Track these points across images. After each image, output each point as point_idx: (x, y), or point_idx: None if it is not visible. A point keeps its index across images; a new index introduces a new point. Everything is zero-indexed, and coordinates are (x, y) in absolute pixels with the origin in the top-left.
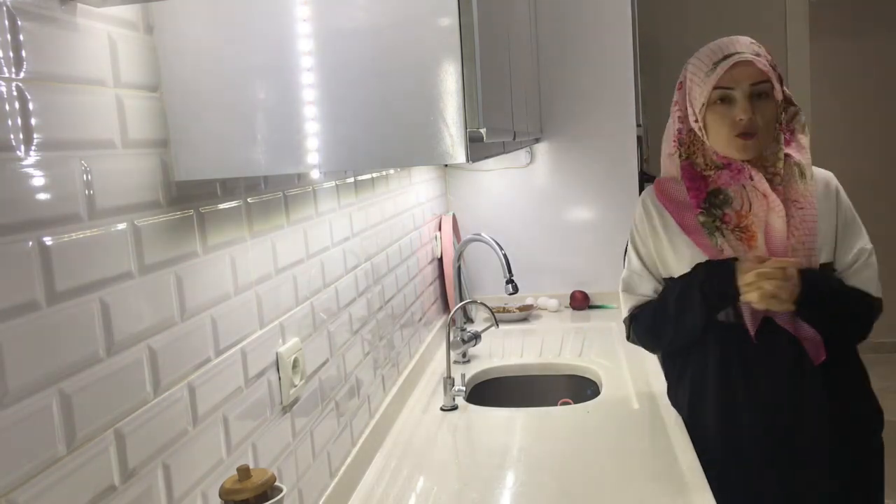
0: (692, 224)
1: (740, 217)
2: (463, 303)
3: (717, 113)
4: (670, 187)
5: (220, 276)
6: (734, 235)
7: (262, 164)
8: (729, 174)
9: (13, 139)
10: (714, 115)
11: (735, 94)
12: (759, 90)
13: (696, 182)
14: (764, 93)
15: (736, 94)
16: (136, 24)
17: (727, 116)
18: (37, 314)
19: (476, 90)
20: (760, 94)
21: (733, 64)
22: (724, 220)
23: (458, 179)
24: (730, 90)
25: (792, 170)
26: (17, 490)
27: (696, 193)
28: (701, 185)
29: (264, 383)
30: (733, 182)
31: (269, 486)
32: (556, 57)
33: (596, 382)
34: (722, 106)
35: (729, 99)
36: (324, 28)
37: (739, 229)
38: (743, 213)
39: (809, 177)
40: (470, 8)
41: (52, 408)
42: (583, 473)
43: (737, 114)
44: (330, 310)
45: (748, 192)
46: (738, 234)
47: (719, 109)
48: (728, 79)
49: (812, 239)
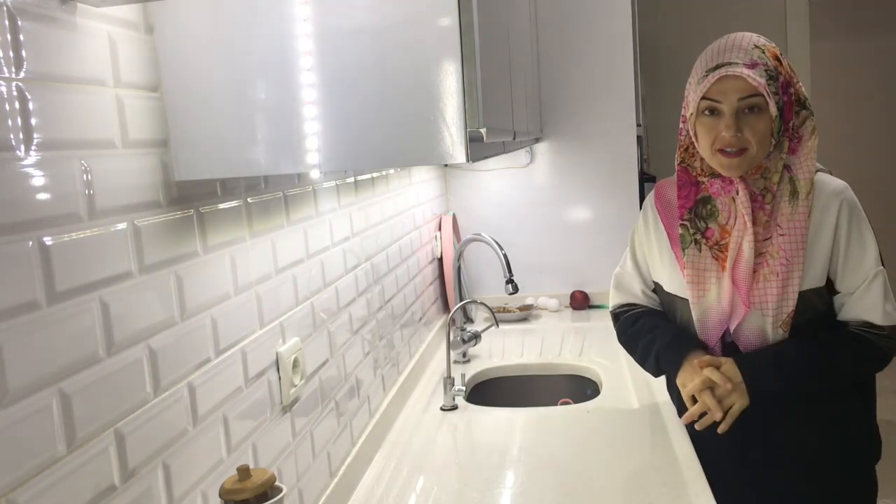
0: (676, 236)
1: (723, 232)
2: (463, 303)
3: (703, 124)
4: (669, 192)
5: (221, 276)
6: (711, 252)
7: (263, 163)
8: (720, 184)
9: (13, 139)
10: (701, 126)
11: (722, 108)
12: (749, 104)
13: (685, 189)
14: (756, 106)
15: (723, 107)
16: (136, 24)
17: (713, 130)
18: (37, 314)
19: (476, 90)
20: (752, 108)
21: (722, 76)
22: (706, 234)
23: (458, 179)
24: (717, 103)
25: (784, 188)
26: (17, 490)
27: (684, 202)
28: (691, 192)
29: (264, 383)
30: (723, 193)
31: (269, 485)
32: (556, 57)
33: (596, 382)
34: (709, 118)
35: (716, 111)
36: (324, 28)
37: (718, 247)
38: (727, 229)
39: (804, 195)
40: (470, 8)
41: (52, 408)
42: (583, 473)
43: (721, 129)
44: (330, 310)
45: (736, 206)
46: (716, 251)
47: (706, 121)
48: (715, 91)
49: (790, 267)
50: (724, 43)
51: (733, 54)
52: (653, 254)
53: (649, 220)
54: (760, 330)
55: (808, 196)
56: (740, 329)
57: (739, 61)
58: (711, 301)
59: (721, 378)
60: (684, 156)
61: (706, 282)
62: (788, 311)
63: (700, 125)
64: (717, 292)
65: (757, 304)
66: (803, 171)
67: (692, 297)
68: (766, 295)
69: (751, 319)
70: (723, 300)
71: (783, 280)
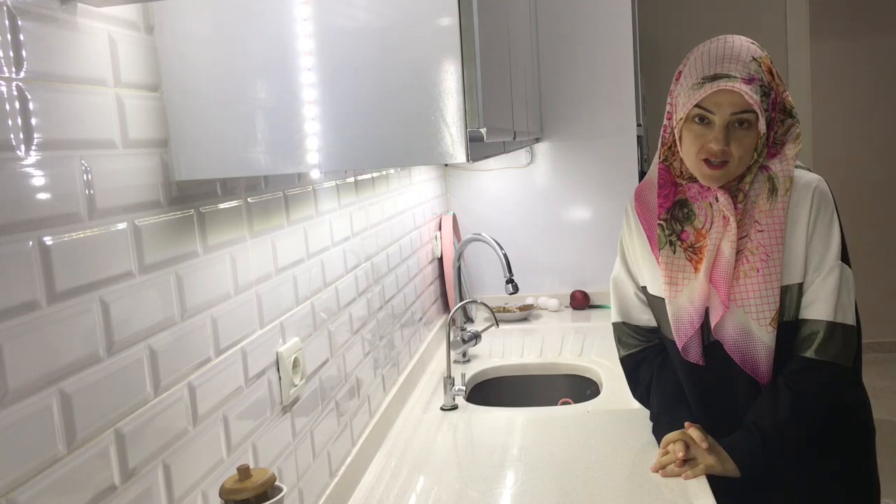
0: (655, 238)
1: (698, 236)
2: (463, 302)
3: (691, 131)
4: (648, 195)
5: (221, 276)
6: (685, 255)
7: (263, 163)
8: (698, 188)
9: (13, 139)
10: (689, 132)
11: (714, 119)
12: (741, 119)
13: (665, 189)
14: (747, 121)
15: (715, 118)
16: (136, 24)
17: (700, 138)
18: (37, 314)
19: (476, 90)
20: (742, 122)
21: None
22: (682, 236)
23: (458, 179)
24: (709, 113)
25: (762, 186)
26: (18, 490)
27: (663, 201)
28: (671, 192)
29: (264, 383)
30: (701, 198)
31: (270, 485)
32: (556, 57)
33: (596, 382)
34: (698, 126)
35: (707, 121)
36: (324, 28)
37: (692, 249)
38: (702, 233)
39: (783, 192)
40: (470, 8)
41: (52, 407)
42: (583, 473)
43: (709, 139)
44: (330, 309)
45: (713, 211)
46: (690, 254)
47: (695, 128)
48: (710, 102)
49: (769, 263)
50: (721, 50)
51: (731, 66)
52: (636, 258)
53: (631, 224)
54: (744, 328)
55: (787, 193)
56: (723, 328)
57: (738, 75)
58: (683, 301)
59: (700, 437)
60: (667, 154)
61: (681, 282)
62: (773, 308)
63: (688, 131)
64: (688, 293)
65: (738, 301)
66: (783, 170)
67: (667, 296)
68: (748, 291)
69: (733, 318)
70: (695, 300)
71: (764, 276)
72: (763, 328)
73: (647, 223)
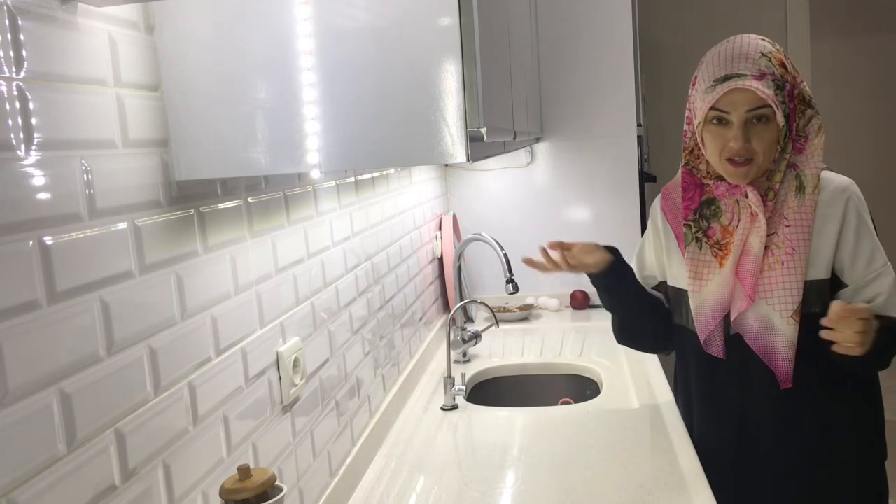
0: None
1: (725, 233)
2: (463, 302)
3: (711, 133)
4: (674, 194)
5: (221, 276)
6: (711, 251)
7: (263, 163)
8: (726, 186)
9: (13, 139)
10: (709, 134)
11: (731, 118)
12: (758, 115)
13: (690, 191)
14: (764, 116)
15: (732, 118)
16: (136, 24)
17: (720, 138)
18: (37, 314)
19: (476, 90)
20: (760, 118)
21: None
22: (708, 233)
23: (458, 179)
24: (725, 114)
25: (791, 184)
26: (18, 490)
27: (689, 203)
28: (696, 194)
29: (265, 383)
30: (728, 195)
31: (270, 485)
32: (556, 57)
33: (596, 382)
34: (717, 127)
35: (725, 121)
36: (324, 28)
37: (718, 245)
38: (729, 230)
39: (811, 189)
40: (470, 8)
41: (52, 407)
42: (583, 473)
43: (729, 139)
44: (330, 309)
45: (740, 208)
46: (715, 249)
47: (714, 130)
48: (725, 102)
49: (795, 257)
50: (731, 50)
51: (741, 65)
52: (662, 254)
53: (658, 222)
54: (766, 320)
55: (815, 190)
56: (744, 320)
57: (748, 73)
58: (708, 294)
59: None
60: (689, 158)
61: (705, 276)
62: (796, 301)
63: (708, 133)
64: (714, 286)
65: (763, 293)
66: (810, 167)
67: (691, 289)
68: (772, 284)
69: (756, 310)
70: (719, 293)
71: (789, 268)
72: (785, 320)
73: (674, 222)
